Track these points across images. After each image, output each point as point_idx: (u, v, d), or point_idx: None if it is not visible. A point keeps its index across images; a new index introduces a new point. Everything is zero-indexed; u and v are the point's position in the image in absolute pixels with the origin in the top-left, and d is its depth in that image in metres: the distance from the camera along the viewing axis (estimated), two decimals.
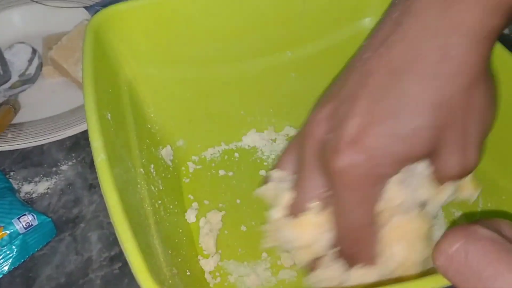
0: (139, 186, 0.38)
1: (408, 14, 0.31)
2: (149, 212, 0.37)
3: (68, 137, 0.56)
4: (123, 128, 0.40)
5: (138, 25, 0.43)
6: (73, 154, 0.56)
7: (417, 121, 0.30)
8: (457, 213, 0.45)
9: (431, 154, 0.32)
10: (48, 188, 0.53)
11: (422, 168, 0.32)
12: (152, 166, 0.43)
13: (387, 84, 0.30)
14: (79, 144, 0.57)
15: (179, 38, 0.45)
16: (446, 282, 0.27)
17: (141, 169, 0.40)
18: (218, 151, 0.53)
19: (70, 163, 0.55)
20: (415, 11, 0.31)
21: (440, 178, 0.33)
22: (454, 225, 0.44)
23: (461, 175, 0.33)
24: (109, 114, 0.37)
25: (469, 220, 0.44)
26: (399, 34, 0.31)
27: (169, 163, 0.48)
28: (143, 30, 0.44)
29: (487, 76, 0.32)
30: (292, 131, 0.54)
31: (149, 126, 0.46)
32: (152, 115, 0.47)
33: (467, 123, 0.32)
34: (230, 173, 0.51)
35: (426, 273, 0.32)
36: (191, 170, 0.51)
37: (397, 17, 0.32)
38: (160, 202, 0.41)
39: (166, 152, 0.48)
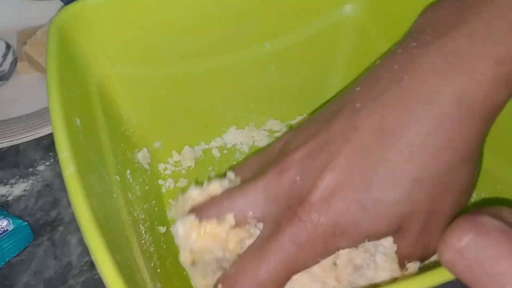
0: (115, 195, 0.36)
1: (411, 72, 0.29)
2: (127, 223, 0.36)
3: (46, 135, 0.54)
4: (94, 133, 0.38)
5: (107, 20, 0.41)
6: (51, 154, 0.55)
7: (391, 196, 0.28)
8: None
9: (397, 231, 0.30)
10: (25, 190, 0.51)
11: (386, 245, 0.30)
12: (129, 171, 0.41)
13: (372, 144, 0.29)
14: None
15: (151, 33, 0.43)
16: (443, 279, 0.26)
17: (117, 176, 0.38)
18: (198, 151, 0.51)
19: (47, 163, 0.54)
20: (418, 70, 0.29)
21: (401, 258, 0.31)
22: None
23: (422, 258, 0.31)
24: (78, 120, 0.35)
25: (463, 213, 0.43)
26: (397, 93, 0.29)
27: (147, 166, 0.46)
28: (112, 26, 0.41)
29: (477, 154, 0.30)
30: (275, 124, 0.52)
31: (123, 129, 0.44)
32: (125, 117, 0.45)
33: (442, 202, 0.30)
34: (212, 174, 0.50)
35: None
36: (170, 173, 0.49)
37: (398, 71, 0.29)
38: (139, 210, 0.39)
39: (142, 155, 0.46)
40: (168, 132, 0.49)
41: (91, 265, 0.46)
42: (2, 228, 0.45)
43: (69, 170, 0.29)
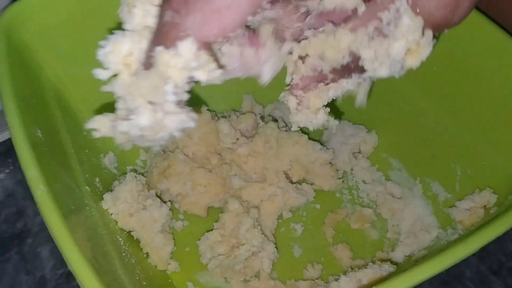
0: (87, 208, 0.34)
1: None
2: (104, 236, 0.34)
3: (1, 141, 0.51)
4: (57, 142, 0.35)
5: (56, 18, 0.38)
6: (10, 160, 0.51)
7: None
8: (433, 184, 0.44)
9: None
10: None
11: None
12: (97, 179, 0.39)
13: None
14: (14, 148, 0.52)
15: (105, 28, 0.39)
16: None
17: (87, 187, 0.36)
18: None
19: (7, 171, 0.50)
20: None
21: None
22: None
23: (444, 21, 0.25)
24: (39, 131, 0.32)
25: (448, 190, 0.43)
26: None
27: (115, 171, 0.44)
28: (60, 22, 0.38)
29: None
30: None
31: (85, 134, 0.41)
32: (86, 120, 0.42)
33: None
34: None
35: None
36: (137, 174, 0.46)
37: None
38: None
39: (109, 160, 0.43)
40: None
41: (67, 277, 0.43)
42: None
43: (41, 190, 0.27)
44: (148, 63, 0.24)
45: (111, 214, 0.38)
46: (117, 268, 0.32)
